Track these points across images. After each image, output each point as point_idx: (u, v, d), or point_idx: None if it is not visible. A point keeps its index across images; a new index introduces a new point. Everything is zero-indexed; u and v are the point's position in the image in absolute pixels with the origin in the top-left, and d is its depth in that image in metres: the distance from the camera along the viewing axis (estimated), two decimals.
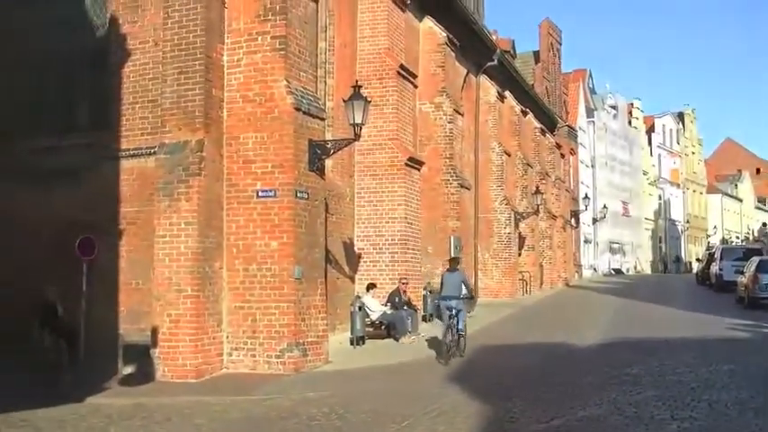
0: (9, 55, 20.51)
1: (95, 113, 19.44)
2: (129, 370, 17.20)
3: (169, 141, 17.34)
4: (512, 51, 49.40)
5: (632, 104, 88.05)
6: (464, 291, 19.81)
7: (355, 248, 24.02)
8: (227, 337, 17.57)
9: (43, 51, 20.48)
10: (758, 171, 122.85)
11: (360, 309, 21.47)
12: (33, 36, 20.56)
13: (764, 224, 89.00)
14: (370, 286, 22.90)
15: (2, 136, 20.05)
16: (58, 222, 19.11)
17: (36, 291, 17.86)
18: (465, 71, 34.91)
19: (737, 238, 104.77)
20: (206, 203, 17.16)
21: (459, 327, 19.38)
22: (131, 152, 18.44)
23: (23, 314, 18.13)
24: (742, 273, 33.22)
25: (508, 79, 41.44)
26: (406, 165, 24.23)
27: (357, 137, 18.97)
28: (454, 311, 19.20)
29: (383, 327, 22.57)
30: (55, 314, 16.56)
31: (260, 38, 17.74)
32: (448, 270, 20.15)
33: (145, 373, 16.89)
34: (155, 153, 17.63)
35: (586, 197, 64.54)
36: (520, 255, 41.64)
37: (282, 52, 17.58)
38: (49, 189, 19.37)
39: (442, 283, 19.97)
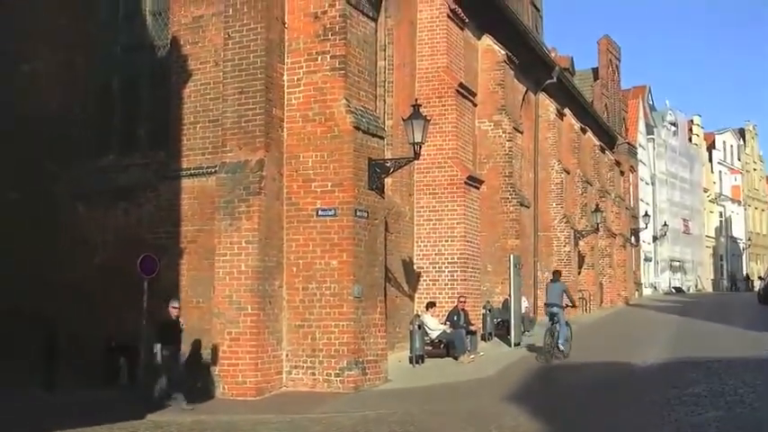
0: (74, 75, 20.83)
1: (157, 133, 19.61)
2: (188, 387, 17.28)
3: (230, 161, 17.46)
4: (571, 69, 49.21)
5: (692, 121, 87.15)
6: (565, 299, 22.31)
7: (415, 267, 23.97)
8: (287, 355, 17.59)
9: (106, 72, 20.80)
10: None
11: (419, 327, 21.41)
12: (96, 56, 20.89)
13: None
14: (430, 305, 22.82)
15: (67, 155, 20.35)
16: (119, 240, 19.33)
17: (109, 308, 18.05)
18: (524, 89, 34.76)
19: None
20: (266, 222, 17.23)
21: (561, 331, 21.57)
22: (192, 171, 18.57)
23: (80, 329, 18.45)
24: None
25: (567, 97, 41.23)
26: (466, 183, 24.15)
27: (417, 156, 18.95)
28: (555, 317, 21.72)
29: (442, 345, 22.48)
30: (177, 329, 16.46)
31: (320, 58, 17.81)
32: (551, 281, 23.25)
33: (205, 391, 16.97)
34: (215, 172, 17.77)
35: (646, 215, 63.87)
36: (579, 273, 41.29)
37: (342, 72, 17.63)
38: (110, 208, 19.60)
39: (546, 291, 23.34)
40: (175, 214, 18.69)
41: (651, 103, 76.58)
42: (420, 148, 18.85)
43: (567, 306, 22.72)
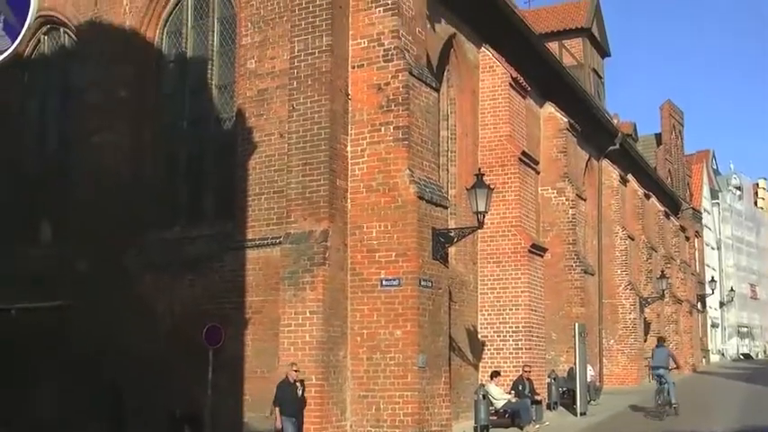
0: (142, 147, 21.21)
1: (222, 204, 19.84)
2: None
3: (294, 231, 17.58)
4: (633, 134, 49.09)
5: (758, 184, 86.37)
6: (671, 362, 24.95)
7: (479, 336, 23.85)
8: (351, 425, 17.50)
9: (173, 144, 21.16)
10: None
11: (484, 397, 21.19)
12: (164, 129, 21.27)
13: None
14: (494, 374, 22.65)
15: (135, 227, 20.65)
16: (185, 310, 19.48)
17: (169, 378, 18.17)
18: (587, 155, 34.72)
19: None
20: (330, 293, 17.27)
21: (672, 389, 24.08)
22: (257, 242, 18.70)
23: (145, 398, 18.55)
24: None
25: (630, 163, 41.10)
26: (530, 252, 24.06)
27: (480, 225, 18.96)
28: (663, 378, 24.23)
29: (507, 415, 22.22)
30: (293, 392, 16.51)
31: (383, 128, 17.95)
32: (657, 346, 26.31)
33: None
34: (280, 243, 17.88)
35: (712, 280, 63.12)
36: (645, 340, 40.71)
37: (405, 142, 17.75)
38: (177, 278, 19.76)
39: (652, 356, 26.13)
40: (241, 285, 18.78)
41: (715, 167, 76.04)
42: (483, 217, 18.85)
43: (672, 368, 25.11)
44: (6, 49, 10.30)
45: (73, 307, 20.46)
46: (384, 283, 17.53)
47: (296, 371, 16.56)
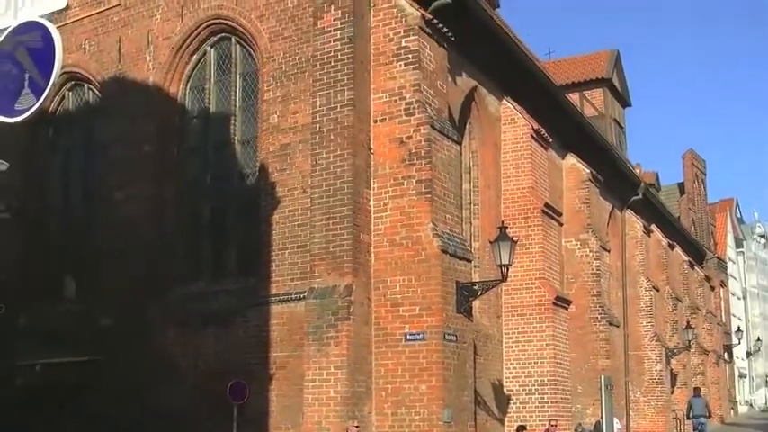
0: (165, 203, 21.29)
1: (246, 259, 19.83)
2: None
3: (318, 286, 17.56)
4: (656, 184, 49.01)
5: None
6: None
7: (504, 390, 23.65)
8: None
9: (196, 199, 21.21)
10: None
11: None
12: (187, 184, 21.35)
13: None
14: (520, 428, 22.42)
15: (159, 282, 20.67)
16: (209, 366, 19.42)
17: None
18: (610, 206, 34.61)
19: None
20: (355, 347, 17.20)
21: None
22: (281, 297, 18.64)
23: None
24: None
25: (654, 213, 40.96)
26: (554, 304, 23.92)
27: (504, 278, 18.90)
28: (703, 426, 27.23)
29: None
30: None
31: (405, 182, 17.98)
32: (694, 396, 30.61)
33: None
34: (304, 298, 17.84)
35: (739, 330, 62.61)
36: (672, 392, 40.35)
37: (428, 196, 17.76)
38: (201, 333, 19.73)
39: (690, 406, 30.38)
40: (265, 340, 18.72)
41: (739, 215, 75.73)
42: (507, 270, 18.80)
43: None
44: (31, 107, 10.41)
45: (97, 362, 20.44)
46: (408, 337, 17.46)
47: (356, 426, 16.53)
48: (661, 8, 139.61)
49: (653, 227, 40.48)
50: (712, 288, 56.04)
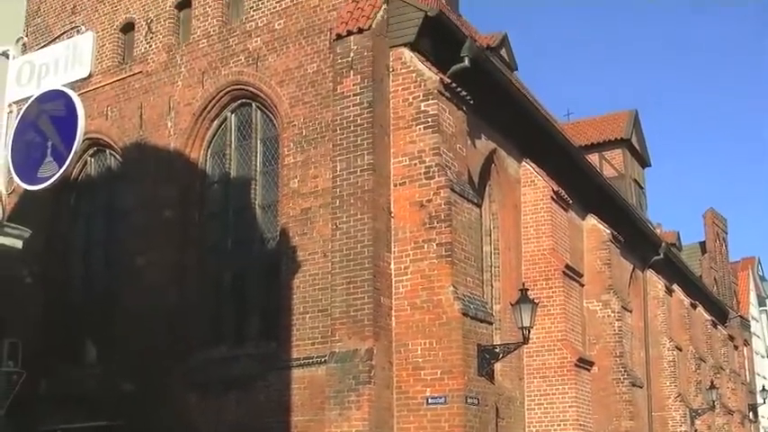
0: (185, 268, 21.37)
1: (267, 324, 19.84)
2: None
3: (339, 350, 17.52)
4: (677, 243, 48.79)
5: None
6: None
7: None
8: None
9: (217, 264, 21.29)
10: None
11: None
12: (207, 249, 21.45)
13: None
14: None
15: (180, 347, 20.69)
16: (231, 431, 19.34)
17: None
18: (631, 266, 34.48)
19: None
20: (376, 412, 17.11)
21: None
22: (302, 361, 18.59)
23: None
24: None
25: (675, 272, 40.77)
26: (576, 366, 23.77)
27: (525, 340, 18.88)
28: None
29: None
30: None
31: (426, 245, 18.00)
32: None
33: None
34: (325, 362, 17.81)
35: (764, 389, 61.84)
36: None
37: (449, 259, 17.77)
38: (222, 398, 19.68)
39: None
40: (286, 404, 18.64)
41: (761, 273, 75.10)
42: (529, 332, 18.81)
43: None
44: (53, 175, 10.53)
45: (118, 427, 20.39)
46: (430, 400, 17.36)
47: None
48: (679, 65, 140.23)
49: (675, 286, 40.28)
50: (736, 347, 55.54)
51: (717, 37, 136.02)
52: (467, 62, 19.72)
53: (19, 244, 10.69)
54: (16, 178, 10.97)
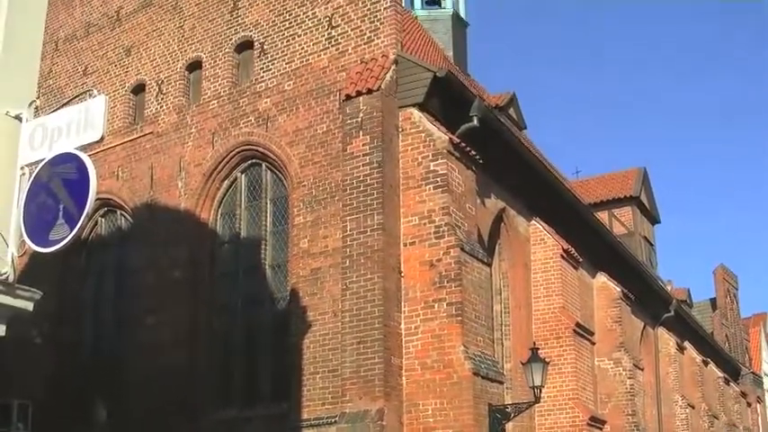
0: (195, 327, 21.33)
1: (278, 384, 19.73)
2: None
3: (350, 411, 17.40)
4: (688, 300, 48.70)
5: None
6: None
7: None
8: None
9: (227, 324, 21.26)
10: None
11: None
12: (217, 309, 21.43)
13: None
14: None
15: (190, 408, 20.58)
16: None
17: None
18: (642, 324, 34.35)
19: None
20: None
21: None
22: (313, 422, 18.46)
23: None
24: None
25: (687, 329, 40.62)
26: (588, 425, 23.60)
27: (537, 399, 18.80)
28: None
29: None
30: None
31: (436, 305, 17.97)
32: None
33: None
34: (336, 422, 17.68)
35: None
36: None
37: (459, 318, 17.73)
38: None
39: None
40: None
41: None
42: (540, 391, 18.73)
43: None
44: (65, 237, 10.55)
45: None
46: None
47: None
48: (687, 124, 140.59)
49: (686, 343, 40.11)
50: (749, 404, 55.16)
51: (726, 95, 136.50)
52: (476, 122, 19.83)
53: (30, 306, 10.67)
54: (28, 241, 10.98)
